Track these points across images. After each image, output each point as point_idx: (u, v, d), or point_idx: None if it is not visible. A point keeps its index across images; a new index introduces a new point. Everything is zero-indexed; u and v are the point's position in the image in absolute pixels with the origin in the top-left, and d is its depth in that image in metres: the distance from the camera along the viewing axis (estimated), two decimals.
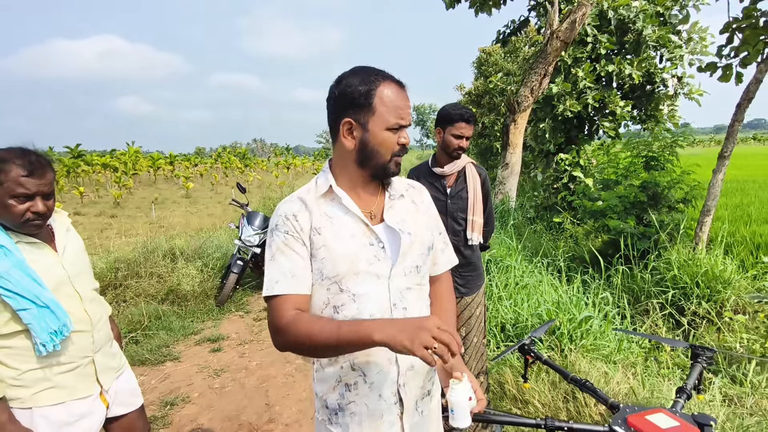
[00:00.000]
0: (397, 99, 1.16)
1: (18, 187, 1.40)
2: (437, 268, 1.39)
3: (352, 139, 1.19)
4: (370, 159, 1.19)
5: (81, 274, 1.63)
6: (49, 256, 1.54)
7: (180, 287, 5.24)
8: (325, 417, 1.25)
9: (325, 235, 1.17)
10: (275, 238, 1.19)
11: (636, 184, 5.47)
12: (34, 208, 1.44)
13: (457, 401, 1.06)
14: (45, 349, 1.44)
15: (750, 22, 4.66)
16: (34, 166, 1.45)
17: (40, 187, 1.45)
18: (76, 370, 1.56)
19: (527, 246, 5.74)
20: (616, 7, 8.02)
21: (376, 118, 1.16)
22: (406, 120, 1.19)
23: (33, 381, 1.47)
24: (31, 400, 1.47)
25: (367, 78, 1.16)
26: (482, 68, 19.58)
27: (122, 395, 1.75)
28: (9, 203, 1.41)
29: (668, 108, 8.60)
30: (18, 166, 1.42)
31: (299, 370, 3.76)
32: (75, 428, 1.55)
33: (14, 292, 1.39)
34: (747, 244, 5.69)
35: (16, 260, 1.41)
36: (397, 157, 1.22)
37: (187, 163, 39.42)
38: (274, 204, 11.22)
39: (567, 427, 1.31)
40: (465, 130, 2.34)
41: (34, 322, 1.42)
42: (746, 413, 2.54)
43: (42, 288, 1.45)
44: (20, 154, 1.45)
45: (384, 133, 1.17)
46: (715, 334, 3.59)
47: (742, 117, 4.79)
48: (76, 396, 1.56)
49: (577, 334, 3.36)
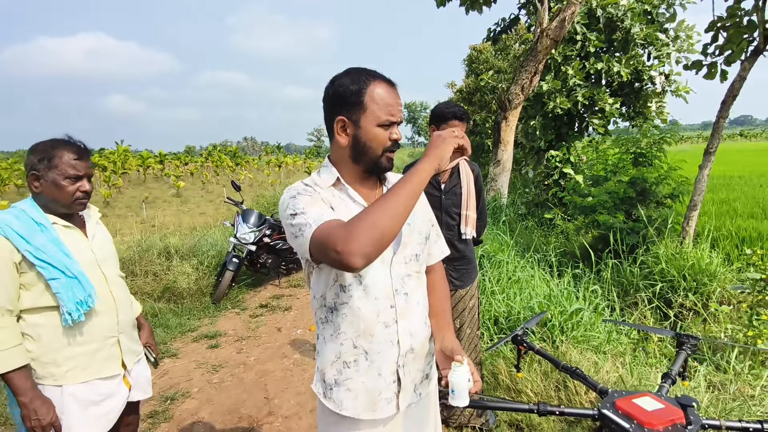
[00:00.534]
0: (387, 96, 1.22)
1: (70, 169, 1.60)
2: (430, 259, 1.46)
3: (345, 136, 1.25)
4: (362, 154, 1.25)
5: (107, 260, 1.77)
6: (80, 239, 1.69)
7: (176, 285, 5.27)
8: (320, 390, 1.32)
9: (339, 213, 1.21)
10: (300, 198, 1.19)
11: (625, 180, 5.58)
12: (82, 188, 1.64)
13: (458, 382, 1.13)
14: (71, 318, 1.55)
15: (734, 21, 4.77)
16: (82, 152, 1.66)
17: (86, 169, 1.66)
18: (103, 350, 1.68)
19: (519, 242, 5.84)
20: (605, 5, 8.14)
21: (368, 115, 1.21)
22: (396, 116, 1.24)
23: (63, 359, 1.59)
24: (63, 378, 1.59)
25: (358, 78, 1.22)
26: (473, 66, 19.69)
27: (141, 381, 1.87)
28: (63, 184, 1.59)
29: (656, 105, 8.76)
30: (69, 151, 1.61)
31: (297, 364, 3.82)
32: (100, 407, 1.67)
33: (47, 262, 1.53)
34: (732, 238, 5.84)
35: (51, 237, 1.58)
36: (389, 152, 1.27)
37: (177, 161, 39.13)
38: (268, 202, 11.24)
39: (559, 411, 1.37)
40: (458, 128, 2.41)
41: (63, 291, 1.54)
42: (729, 398, 2.65)
43: (72, 260, 1.59)
44: (69, 142, 1.65)
45: (375, 129, 1.22)
46: (702, 325, 3.70)
47: (727, 114, 4.91)
48: (102, 374, 1.67)
49: (568, 326, 3.45)
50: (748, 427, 1.25)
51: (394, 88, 1.25)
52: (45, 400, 1.53)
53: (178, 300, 5.22)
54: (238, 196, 6.65)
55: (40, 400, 1.52)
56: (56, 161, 1.59)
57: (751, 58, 4.68)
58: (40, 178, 1.59)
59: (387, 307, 1.26)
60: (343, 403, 1.27)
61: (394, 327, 1.27)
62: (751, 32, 4.62)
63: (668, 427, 1.13)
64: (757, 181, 11.13)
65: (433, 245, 1.46)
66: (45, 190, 1.60)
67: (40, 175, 1.59)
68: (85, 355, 1.63)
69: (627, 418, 1.17)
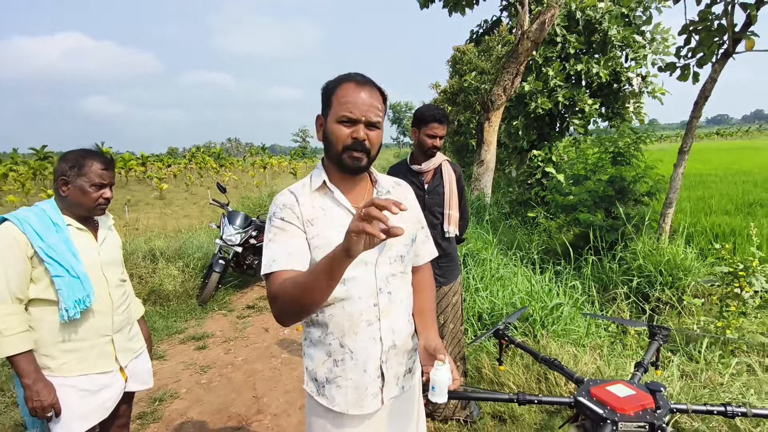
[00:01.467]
0: (348, 94, 1.24)
1: (98, 178, 1.76)
2: (419, 259, 1.51)
3: (321, 133, 1.32)
4: (327, 150, 1.31)
5: (112, 264, 1.88)
6: (90, 242, 1.81)
7: (162, 288, 5.26)
8: (313, 389, 1.36)
9: (318, 226, 1.28)
10: (273, 223, 1.29)
11: (604, 178, 5.73)
12: (105, 195, 1.80)
13: (439, 380, 1.18)
14: (67, 314, 1.65)
15: (705, 25, 4.95)
16: (109, 163, 1.82)
17: (111, 179, 1.82)
18: (97, 347, 1.78)
19: (503, 240, 5.95)
20: (584, 8, 8.32)
21: (331, 111, 1.27)
22: (355, 114, 1.23)
23: (59, 352, 1.70)
24: (59, 370, 1.69)
25: (337, 79, 1.29)
26: (457, 66, 19.85)
27: (141, 373, 1.97)
28: (89, 190, 1.75)
29: (634, 105, 8.99)
30: (98, 162, 1.77)
31: (285, 363, 3.86)
32: (97, 396, 1.78)
33: (55, 260, 1.65)
34: (707, 234, 6.05)
35: (64, 237, 1.71)
36: (352, 151, 1.25)
37: (159, 163, 38.60)
38: (253, 204, 11.21)
39: (537, 400, 1.44)
40: (438, 130, 2.50)
41: (65, 288, 1.66)
42: (700, 386, 2.77)
43: (78, 261, 1.71)
44: (99, 153, 1.82)
45: (334, 125, 1.25)
46: (677, 318, 3.85)
47: (699, 114, 5.09)
48: (96, 370, 1.78)
49: (549, 320, 3.56)
50: (713, 409, 1.34)
51: (363, 87, 1.26)
52: (47, 383, 1.64)
53: (164, 302, 5.21)
54: (224, 198, 6.64)
55: (42, 382, 1.63)
56: (86, 170, 1.74)
57: (721, 60, 4.86)
58: (68, 183, 1.74)
59: (370, 306, 1.31)
60: (335, 399, 1.32)
61: (377, 324, 1.31)
62: (721, 35, 4.80)
63: (639, 412, 1.21)
64: (732, 179, 11.48)
65: (422, 246, 1.51)
66: (71, 194, 1.75)
67: (69, 181, 1.74)
68: (79, 351, 1.73)
69: (601, 405, 1.24)
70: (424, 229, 1.53)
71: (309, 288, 1.11)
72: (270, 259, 1.23)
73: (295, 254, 1.24)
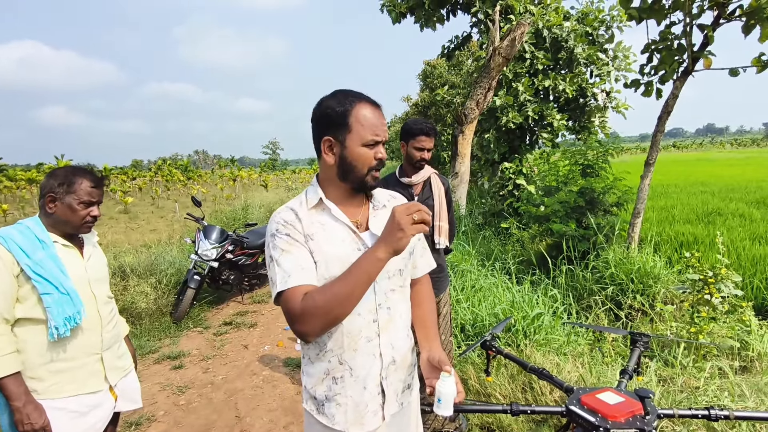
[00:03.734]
0: (371, 117, 1.27)
1: (86, 195, 1.75)
2: (417, 271, 1.52)
3: (332, 155, 1.31)
4: (348, 173, 1.30)
5: (99, 281, 1.86)
6: (77, 259, 1.79)
7: (133, 306, 5.07)
8: (312, 407, 1.35)
9: (318, 240, 1.28)
10: (278, 240, 1.27)
11: (575, 190, 5.92)
12: (93, 213, 1.78)
13: (446, 392, 1.16)
14: (57, 332, 1.62)
15: (666, 44, 5.23)
16: (99, 181, 1.81)
17: (99, 197, 1.80)
18: (87, 366, 1.75)
19: (480, 251, 6.04)
20: (550, 26, 8.65)
21: (353, 135, 1.27)
22: (380, 136, 1.28)
23: (47, 374, 1.66)
24: (46, 392, 1.66)
25: (344, 99, 1.28)
26: (428, 80, 20.22)
27: (130, 392, 1.94)
28: (77, 207, 1.73)
29: (599, 119, 9.36)
30: (88, 180, 1.76)
31: (267, 381, 3.77)
32: (87, 418, 1.74)
33: (43, 277, 1.62)
34: (672, 242, 6.31)
35: (51, 254, 1.68)
36: (375, 171, 1.31)
37: (123, 176, 37.48)
38: (227, 217, 10.98)
39: (530, 410, 1.47)
40: (426, 143, 2.54)
41: (54, 306, 1.62)
42: (677, 390, 2.88)
43: (66, 278, 1.68)
44: (88, 171, 1.80)
45: (360, 149, 1.27)
46: (649, 324, 3.98)
47: (663, 128, 5.34)
48: (86, 390, 1.75)
49: (531, 330, 3.63)
50: (697, 413, 1.40)
51: (378, 109, 1.30)
52: (37, 405, 1.60)
53: (137, 321, 5.02)
54: (199, 212, 6.50)
55: (32, 405, 1.59)
56: (75, 187, 1.73)
57: (681, 77, 5.13)
58: (56, 200, 1.72)
59: (369, 322, 1.30)
60: (335, 417, 1.30)
61: (376, 341, 1.31)
62: (681, 54, 5.07)
63: (629, 419, 1.25)
64: (691, 190, 12.04)
65: (419, 258, 1.52)
66: (59, 211, 1.73)
67: (57, 198, 1.72)
68: (68, 371, 1.70)
69: (592, 413, 1.28)
70: (421, 241, 1.53)
71: (347, 296, 1.14)
72: (284, 276, 1.21)
73: (308, 269, 1.24)
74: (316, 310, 1.15)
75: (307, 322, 1.16)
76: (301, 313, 1.16)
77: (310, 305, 1.15)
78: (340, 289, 1.14)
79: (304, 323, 1.17)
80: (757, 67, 4.62)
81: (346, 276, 1.16)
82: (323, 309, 1.14)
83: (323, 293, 1.15)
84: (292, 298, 1.18)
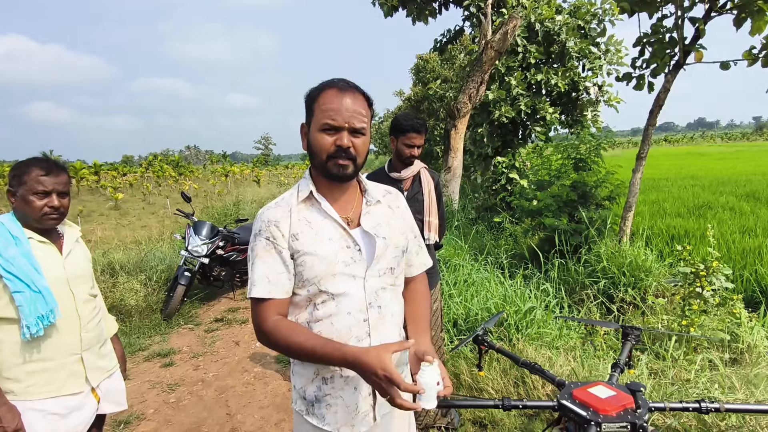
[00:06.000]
0: (330, 101, 1.21)
1: (37, 184, 1.64)
2: (412, 270, 1.48)
3: (305, 141, 1.30)
4: (312, 159, 1.29)
5: (79, 278, 1.78)
6: (54, 256, 1.72)
7: (123, 303, 5.02)
8: (302, 408, 1.32)
9: (304, 240, 1.25)
10: (257, 242, 1.27)
11: (567, 184, 5.91)
12: (50, 203, 1.67)
13: (426, 383, 1.09)
14: (29, 331, 1.56)
15: (657, 38, 5.22)
16: (51, 167, 1.69)
17: (55, 185, 1.68)
18: (66, 367, 1.69)
19: (473, 245, 6.03)
20: (542, 20, 8.62)
21: (314, 120, 1.25)
22: (337, 121, 1.20)
23: (24, 374, 1.61)
24: (24, 393, 1.61)
25: (320, 86, 1.27)
26: (420, 75, 20.15)
27: (114, 394, 1.88)
28: (30, 199, 1.64)
29: (591, 113, 9.36)
30: (37, 168, 1.66)
31: (258, 378, 3.75)
32: (67, 421, 1.68)
33: (14, 275, 1.56)
34: (663, 236, 6.35)
35: (24, 250, 1.61)
36: (337, 159, 1.23)
37: (114, 172, 37.07)
38: (218, 213, 10.91)
39: (522, 405, 1.45)
40: (416, 140, 2.51)
41: (26, 305, 1.56)
42: (668, 383, 2.88)
43: (39, 275, 1.61)
44: (39, 159, 1.71)
45: (317, 134, 1.23)
46: (641, 317, 4.00)
47: (655, 122, 5.35)
48: (65, 392, 1.68)
49: (523, 324, 3.62)
50: (688, 406, 1.39)
51: (346, 93, 1.22)
52: (11, 407, 1.55)
53: (126, 318, 4.97)
54: (189, 208, 6.43)
55: (5, 406, 1.54)
56: (25, 178, 1.65)
57: (673, 71, 5.13)
58: (14, 194, 1.67)
59: (360, 321, 1.27)
60: (326, 418, 1.28)
61: (367, 340, 1.28)
62: (673, 48, 5.07)
63: (621, 412, 1.24)
64: (681, 183, 12.14)
65: (415, 257, 1.47)
66: (18, 205, 1.67)
67: (14, 191, 1.67)
68: (46, 371, 1.64)
69: (584, 407, 1.26)
70: (416, 239, 1.49)
71: (306, 357, 1.19)
72: (252, 283, 1.25)
73: (274, 281, 1.24)
74: (277, 344, 1.21)
75: (267, 343, 1.24)
76: (265, 332, 1.23)
77: (273, 335, 1.21)
78: (302, 347, 1.18)
79: (265, 341, 1.25)
80: (747, 60, 4.62)
81: (314, 344, 1.17)
82: (283, 348, 1.22)
83: (288, 337, 1.19)
84: (262, 312, 1.23)
